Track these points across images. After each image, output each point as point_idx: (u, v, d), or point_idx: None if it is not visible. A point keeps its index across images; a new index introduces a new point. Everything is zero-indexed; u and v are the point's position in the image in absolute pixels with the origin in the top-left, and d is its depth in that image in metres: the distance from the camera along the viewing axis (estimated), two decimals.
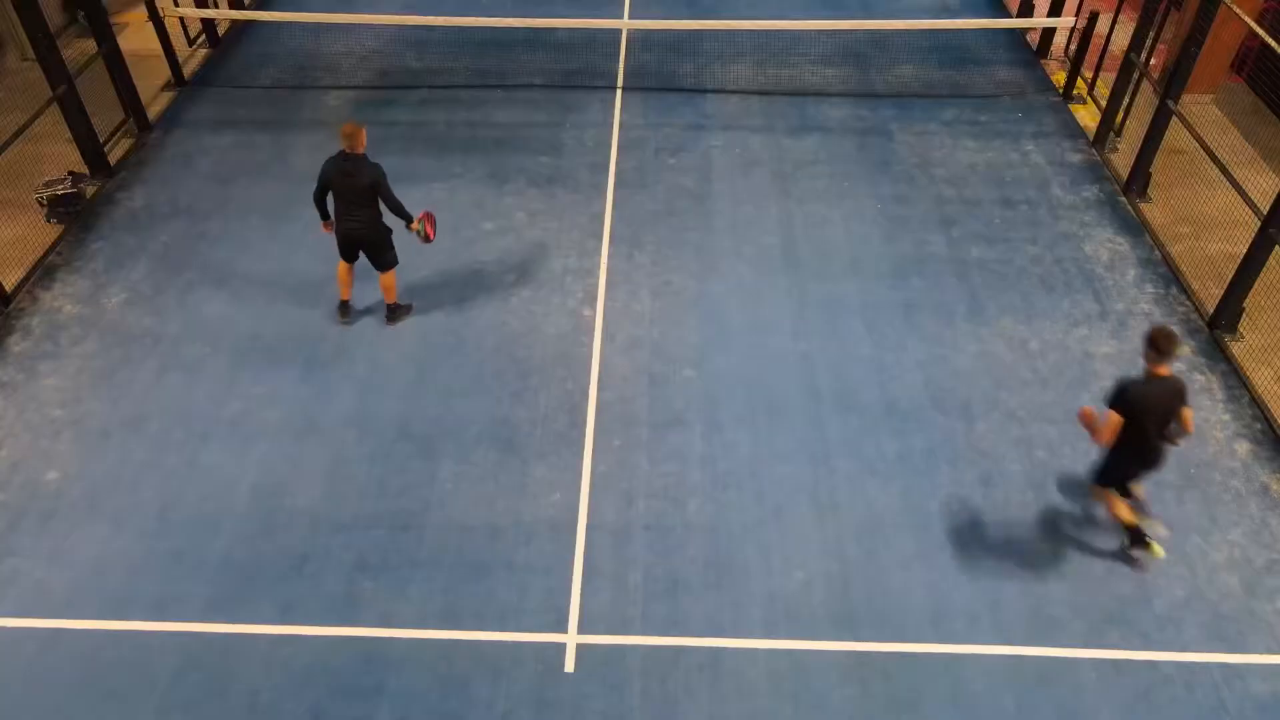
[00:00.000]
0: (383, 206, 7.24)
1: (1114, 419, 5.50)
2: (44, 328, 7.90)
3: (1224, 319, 7.88)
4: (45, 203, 8.96)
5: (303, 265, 8.52)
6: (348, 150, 7.00)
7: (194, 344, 7.75)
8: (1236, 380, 7.50)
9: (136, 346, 7.72)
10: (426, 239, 7.54)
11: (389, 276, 7.69)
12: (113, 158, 9.86)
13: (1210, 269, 8.52)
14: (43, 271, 8.47)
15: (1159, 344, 5.34)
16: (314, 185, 7.27)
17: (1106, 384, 7.39)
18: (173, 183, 9.62)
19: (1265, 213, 7.45)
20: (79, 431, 7.02)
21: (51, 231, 8.92)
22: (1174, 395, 5.52)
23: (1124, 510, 6.08)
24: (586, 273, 8.51)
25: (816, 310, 8.14)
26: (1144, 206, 9.39)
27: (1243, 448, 6.98)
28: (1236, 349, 7.75)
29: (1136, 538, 6.06)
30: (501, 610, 5.93)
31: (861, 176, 9.80)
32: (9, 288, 8.14)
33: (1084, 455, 6.88)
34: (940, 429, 7.09)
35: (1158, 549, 6.02)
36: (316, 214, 7.49)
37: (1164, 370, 5.43)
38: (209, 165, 9.89)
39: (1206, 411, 7.25)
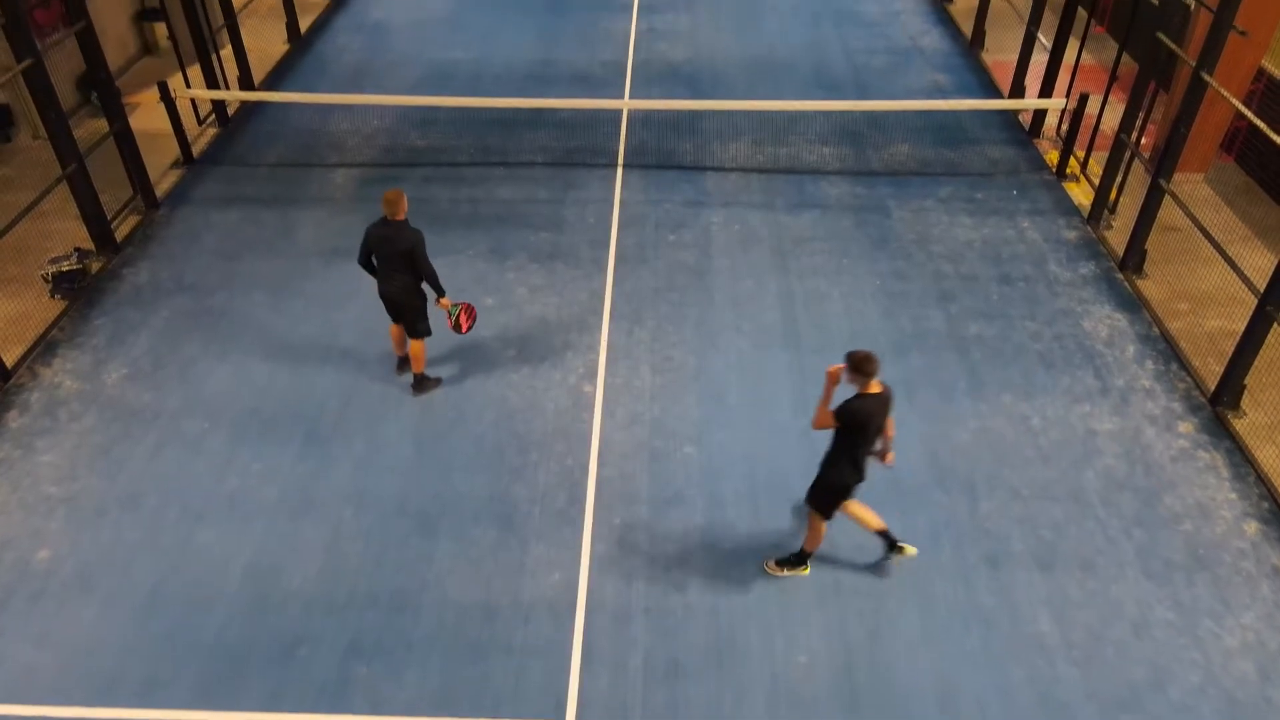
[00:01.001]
0: None
1: (829, 418, 5.74)
2: (43, 403, 7.89)
3: (1226, 395, 7.86)
4: (50, 279, 9.03)
5: (305, 340, 8.55)
6: (388, 216, 7.18)
7: (193, 419, 7.72)
8: (1241, 458, 7.45)
9: (135, 422, 7.69)
10: (458, 328, 7.68)
11: (418, 345, 7.81)
12: (119, 234, 9.98)
13: (1210, 345, 8.54)
14: (44, 347, 8.50)
15: (860, 366, 5.61)
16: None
17: (1110, 461, 7.39)
18: (178, 258, 9.72)
19: (1262, 290, 7.50)
20: (73, 509, 6.94)
21: (54, 307, 8.97)
22: (885, 406, 5.81)
23: (870, 518, 6.43)
24: (587, 348, 8.53)
25: (817, 386, 8.10)
26: (1141, 283, 9.46)
27: (1251, 527, 6.89)
28: (1240, 426, 7.72)
29: (890, 543, 6.48)
30: (497, 696, 5.77)
31: (860, 253, 9.90)
32: (9, 363, 8.15)
33: (1090, 535, 6.80)
34: (943, 507, 7.02)
35: (910, 549, 6.49)
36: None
37: (875, 388, 5.68)
38: (215, 241, 10.00)
39: (1213, 490, 7.18)
